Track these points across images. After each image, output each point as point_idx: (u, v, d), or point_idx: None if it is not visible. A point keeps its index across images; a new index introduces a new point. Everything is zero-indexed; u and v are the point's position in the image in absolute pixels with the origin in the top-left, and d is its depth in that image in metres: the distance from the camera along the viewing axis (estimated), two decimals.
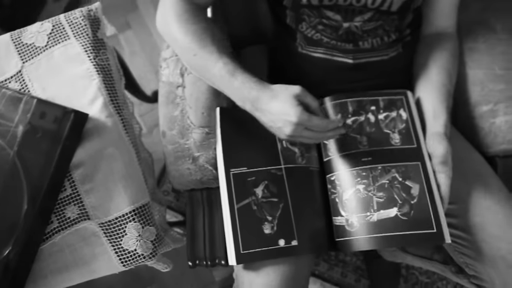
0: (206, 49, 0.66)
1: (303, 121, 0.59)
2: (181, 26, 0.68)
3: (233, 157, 0.71)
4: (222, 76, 0.65)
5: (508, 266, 0.66)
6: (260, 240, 0.67)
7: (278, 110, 0.60)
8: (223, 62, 0.65)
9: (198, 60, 0.67)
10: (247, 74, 0.64)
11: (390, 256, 1.06)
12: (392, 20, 0.71)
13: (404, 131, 0.71)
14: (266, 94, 0.62)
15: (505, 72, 0.76)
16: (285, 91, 0.61)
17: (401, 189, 0.66)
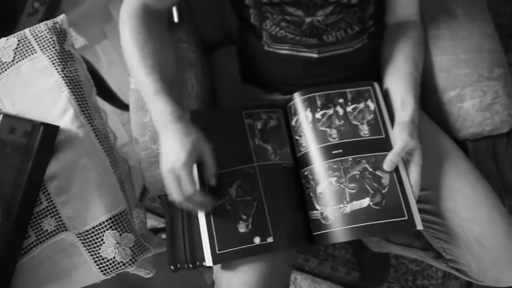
0: (141, 62, 0.66)
1: (181, 171, 0.61)
2: (130, 32, 0.69)
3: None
4: (147, 93, 0.66)
5: (482, 248, 0.67)
6: (235, 239, 0.67)
7: (176, 148, 0.62)
8: (152, 79, 0.65)
9: (134, 70, 0.68)
10: (172, 97, 0.64)
11: (376, 247, 1.07)
12: (354, 12, 0.72)
13: (372, 122, 0.71)
14: (179, 126, 0.63)
15: (468, 56, 0.76)
16: (194, 134, 0.63)
17: (372, 179, 0.67)
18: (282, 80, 0.82)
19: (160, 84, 0.65)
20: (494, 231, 0.66)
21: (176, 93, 0.66)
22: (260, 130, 0.75)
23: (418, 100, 0.73)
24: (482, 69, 0.76)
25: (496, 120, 0.75)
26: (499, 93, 0.75)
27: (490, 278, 0.68)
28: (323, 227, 0.68)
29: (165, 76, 0.66)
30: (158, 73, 0.66)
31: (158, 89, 0.65)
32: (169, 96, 0.64)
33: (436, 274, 1.24)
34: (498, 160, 0.78)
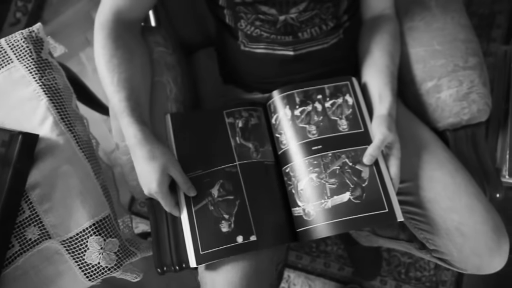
0: (108, 79, 0.68)
1: (158, 196, 0.67)
2: (98, 47, 0.70)
3: (188, 161, 0.72)
4: (115, 111, 0.69)
5: (462, 236, 0.67)
6: (218, 239, 0.67)
7: (145, 173, 0.66)
8: (117, 99, 0.67)
9: (103, 85, 0.70)
10: (135, 118, 0.66)
11: (366, 241, 1.07)
12: (327, 8, 0.72)
13: (351, 117, 0.72)
14: (143, 150, 0.66)
15: (443, 47, 0.77)
16: (160, 158, 0.66)
17: (352, 174, 0.67)
18: (260, 79, 0.82)
19: (124, 103, 0.67)
20: (473, 219, 0.67)
21: (141, 110, 0.68)
22: (241, 129, 0.75)
23: (395, 93, 0.73)
24: (457, 59, 0.76)
25: (474, 109, 0.76)
26: (475, 82, 0.76)
27: (471, 266, 0.68)
28: (306, 223, 0.68)
29: (130, 93, 0.68)
30: (123, 90, 0.67)
31: (122, 110, 0.67)
32: (132, 117, 0.66)
33: (428, 265, 1.24)
34: (478, 149, 0.78)
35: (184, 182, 0.68)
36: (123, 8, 0.71)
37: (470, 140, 0.79)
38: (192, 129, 0.75)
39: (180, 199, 0.70)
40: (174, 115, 0.76)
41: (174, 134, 0.74)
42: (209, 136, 0.74)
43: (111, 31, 0.70)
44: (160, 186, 0.65)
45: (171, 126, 0.75)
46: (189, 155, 0.73)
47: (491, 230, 0.66)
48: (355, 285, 1.23)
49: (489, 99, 0.77)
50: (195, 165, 0.72)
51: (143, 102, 0.71)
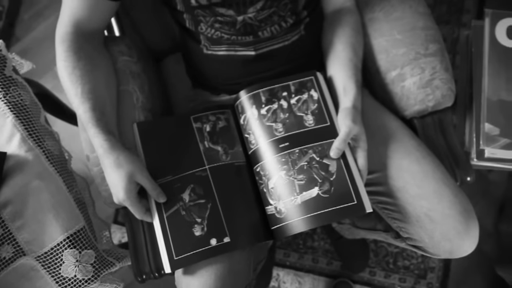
0: (72, 91, 0.69)
1: (126, 203, 0.67)
2: (59, 60, 0.70)
3: (157, 168, 0.72)
4: (81, 122, 0.69)
5: (432, 222, 0.67)
6: (191, 243, 0.68)
7: (113, 181, 0.67)
8: (82, 110, 0.68)
9: (68, 97, 0.70)
10: (100, 128, 0.67)
11: (349, 234, 1.08)
12: (284, 5, 0.72)
13: (316, 111, 0.72)
14: (110, 159, 0.66)
15: (403, 35, 0.77)
16: (126, 166, 0.66)
17: (320, 168, 0.68)
18: (225, 81, 0.82)
19: (89, 114, 0.67)
20: (441, 204, 0.67)
21: (107, 119, 0.68)
22: (209, 133, 0.76)
23: (360, 85, 0.73)
24: (418, 47, 0.77)
25: (438, 95, 0.76)
26: (437, 68, 0.76)
27: (443, 251, 0.69)
28: (279, 221, 0.69)
29: (95, 103, 0.68)
30: (87, 101, 0.68)
31: (88, 121, 0.67)
32: (98, 127, 0.67)
33: (416, 253, 1.25)
34: (446, 134, 0.79)
35: (153, 189, 0.68)
36: (81, 19, 0.71)
37: (438, 126, 0.79)
38: (160, 136, 0.75)
39: (151, 205, 0.70)
40: (141, 124, 0.76)
41: (142, 142, 0.74)
42: (178, 142, 0.74)
43: (71, 43, 0.70)
44: (127, 193, 0.65)
45: (138, 135, 0.75)
46: (158, 161, 0.73)
47: (459, 214, 0.67)
48: (345, 278, 1.23)
49: (452, 84, 0.77)
50: (164, 171, 0.72)
51: (108, 111, 0.71)
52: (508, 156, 0.76)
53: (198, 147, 0.74)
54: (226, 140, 0.75)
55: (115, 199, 0.68)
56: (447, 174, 0.71)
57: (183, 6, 0.72)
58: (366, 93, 0.84)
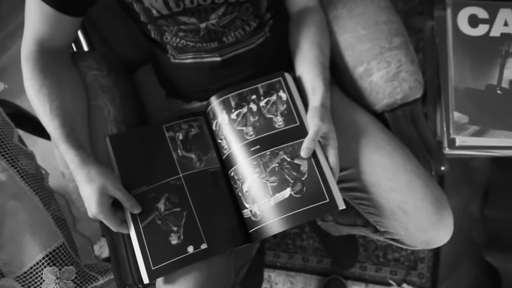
0: (40, 109, 0.69)
1: (100, 217, 0.67)
2: (26, 79, 0.70)
3: (131, 179, 0.72)
4: (52, 138, 0.69)
5: (405, 214, 0.68)
6: (168, 252, 0.68)
7: (86, 195, 0.67)
8: (52, 127, 0.68)
9: (37, 116, 0.70)
10: (71, 144, 0.67)
11: (335, 231, 1.08)
12: (246, 9, 0.73)
13: (286, 112, 0.72)
14: (81, 173, 0.66)
15: (367, 31, 0.78)
16: (97, 179, 0.66)
17: (291, 169, 0.68)
18: (195, 88, 0.82)
19: (59, 131, 0.67)
20: (413, 196, 0.67)
21: (77, 135, 0.68)
22: (182, 141, 0.76)
23: (328, 83, 0.74)
24: (382, 41, 0.77)
25: (405, 87, 0.77)
26: (403, 60, 0.77)
27: (419, 242, 0.69)
28: (255, 224, 0.69)
29: (64, 119, 0.68)
30: (56, 118, 0.68)
31: (58, 137, 0.67)
32: (68, 143, 0.67)
33: None
34: (418, 125, 0.80)
35: (127, 200, 0.68)
36: (44, 37, 0.71)
37: (409, 118, 0.80)
38: (133, 147, 0.75)
39: (127, 217, 0.70)
40: (113, 137, 0.76)
41: (115, 155, 0.74)
42: (151, 152, 0.75)
43: (36, 61, 0.70)
44: (99, 207, 0.65)
45: (111, 147, 0.75)
46: (132, 173, 0.73)
47: (432, 205, 0.67)
48: (336, 275, 1.23)
49: (419, 76, 0.78)
50: (138, 182, 0.72)
51: (78, 127, 0.71)
52: (478, 143, 0.77)
53: (171, 156, 0.74)
54: (199, 147, 0.75)
55: (89, 213, 0.68)
56: (419, 165, 0.72)
57: (146, 17, 0.72)
58: (336, 90, 0.84)
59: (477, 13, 0.81)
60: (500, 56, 0.79)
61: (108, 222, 0.68)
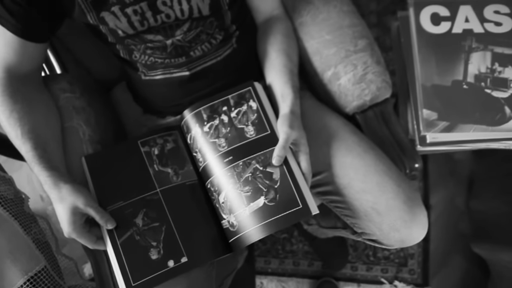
0: (12, 134, 0.69)
1: (73, 236, 0.67)
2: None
3: (106, 195, 0.72)
4: (26, 160, 0.70)
5: (379, 215, 0.69)
6: (148, 267, 0.68)
7: (58, 215, 0.68)
8: (24, 150, 0.68)
9: (10, 140, 0.71)
10: (43, 165, 0.68)
11: (321, 234, 1.09)
12: (210, 23, 0.74)
13: (256, 121, 0.72)
14: (54, 194, 0.67)
15: (332, 35, 0.79)
16: (68, 198, 0.66)
17: (264, 177, 0.68)
18: (167, 104, 0.83)
19: (31, 153, 0.68)
20: (385, 196, 0.68)
21: (49, 156, 0.69)
22: (158, 156, 0.76)
23: (297, 89, 0.74)
24: (347, 45, 0.78)
25: (373, 88, 0.78)
26: (368, 62, 0.78)
27: (394, 241, 0.70)
28: (233, 234, 0.70)
29: (36, 142, 0.69)
30: (28, 141, 0.68)
31: (31, 160, 0.68)
32: (40, 164, 0.67)
33: None
34: (389, 125, 0.81)
35: (100, 217, 0.68)
36: (12, 64, 0.71)
37: (380, 118, 0.81)
38: (109, 165, 0.76)
39: (103, 233, 0.70)
40: (89, 157, 0.76)
41: (91, 174, 0.75)
42: (127, 168, 0.75)
43: (5, 87, 0.71)
44: (71, 226, 0.66)
45: (87, 168, 0.75)
46: (108, 189, 0.73)
47: (403, 203, 0.68)
48: (328, 277, 1.24)
49: (386, 76, 0.79)
50: (114, 198, 0.72)
51: (51, 148, 0.72)
52: (449, 139, 0.77)
53: (148, 171, 0.75)
54: (175, 161, 0.76)
55: (64, 233, 0.68)
56: (390, 165, 0.73)
57: (113, 37, 0.73)
58: (308, 95, 0.85)
59: (438, 11, 0.83)
60: (464, 52, 0.81)
61: (82, 240, 0.68)
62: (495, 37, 0.80)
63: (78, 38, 0.92)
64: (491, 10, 0.81)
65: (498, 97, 0.78)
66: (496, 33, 0.80)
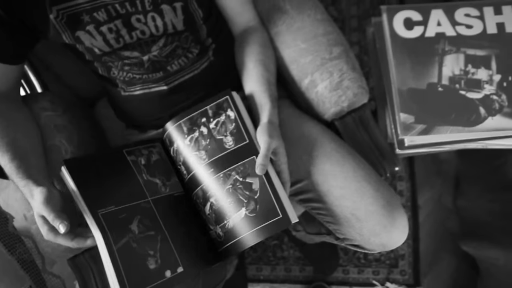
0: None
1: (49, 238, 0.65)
2: None
3: (96, 199, 0.68)
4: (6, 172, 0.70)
5: (358, 220, 0.69)
6: (146, 276, 0.65)
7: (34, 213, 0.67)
8: (3, 163, 0.69)
9: None
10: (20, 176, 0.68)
11: (309, 240, 1.09)
12: (185, 38, 0.74)
13: (235, 131, 0.72)
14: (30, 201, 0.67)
15: (307, 44, 0.80)
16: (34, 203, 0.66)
17: (244, 188, 0.68)
18: (147, 118, 0.84)
19: (9, 165, 0.68)
20: (364, 202, 0.69)
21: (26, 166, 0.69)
22: (145, 165, 0.75)
23: (274, 99, 0.75)
24: (322, 52, 0.79)
25: (349, 94, 0.79)
26: (344, 69, 0.79)
27: (375, 245, 0.70)
28: (221, 244, 0.70)
29: (14, 154, 0.69)
30: (6, 154, 0.69)
31: (10, 172, 0.68)
32: (18, 175, 0.68)
33: None
34: (368, 129, 0.81)
35: (53, 217, 0.64)
36: None
37: (359, 123, 0.82)
38: (93, 170, 0.72)
39: (98, 239, 0.66)
40: (69, 161, 0.71)
41: (74, 179, 0.69)
42: (114, 175, 0.73)
43: None
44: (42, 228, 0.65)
45: (67, 173, 0.70)
46: (97, 194, 0.69)
47: (382, 208, 0.69)
48: (320, 282, 1.24)
49: (362, 82, 0.80)
50: (105, 202, 0.69)
51: (30, 160, 0.71)
52: (426, 141, 0.78)
53: (137, 179, 0.73)
54: (162, 172, 0.76)
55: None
56: (369, 170, 0.73)
57: (90, 55, 0.74)
58: (287, 103, 0.86)
59: (411, 16, 0.84)
60: (438, 55, 0.82)
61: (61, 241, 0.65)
62: (467, 39, 0.82)
63: (58, 56, 0.92)
64: (462, 13, 0.82)
65: (473, 98, 0.79)
66: (468, 36, 0.82)
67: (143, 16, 0.68)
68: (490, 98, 0.79)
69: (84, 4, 0.66)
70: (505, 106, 0.78)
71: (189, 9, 0.71)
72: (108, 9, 0.67)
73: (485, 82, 0.80)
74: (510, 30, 0.81)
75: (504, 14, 0.81)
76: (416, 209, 1.28)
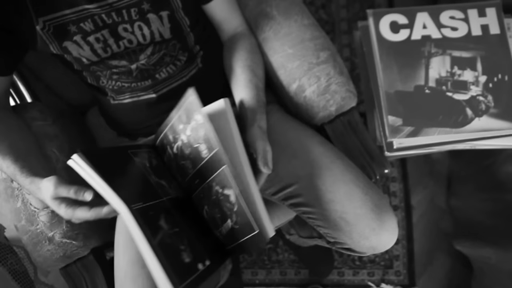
0: None
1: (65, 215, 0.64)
2: None
3: (125, 193, 0.63)
4: (9, 175, 0.70)
5: (347, 224, 0.69)
6: (186, 270, 0.62)
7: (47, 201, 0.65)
8: (6, 165, 0.69)
9: None
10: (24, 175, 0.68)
11: (302, 243, 1.09)
12: (173, 45, 0.75)
13: (206, 137, 0.64)
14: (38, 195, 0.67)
15: (294, 49, 0.80)
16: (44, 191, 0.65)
17: (225, 200, 0.65)
18: (137, 126, 0.84)
19: (12, 167, 0.68)
20: (352, 205, 0.69)
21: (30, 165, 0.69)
22: (150, 167, 0.73)
23: (262, 104, 0.75)
24: (309, 57, 0.80)
25: (337, 98, 0.79)
26: (331, 73, 0.79)
27: (365, 248, 0.71)
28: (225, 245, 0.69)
29: (16, 155, 0.69)
30: (7, 156, 0.69)
31: (13, 173, 0.68)
32: (22, 175, 0.68)
33: None
34: (357, 133, 0.82)
35: (74, 192, 0.63)
36: None
37: (348, 127, 0.82)
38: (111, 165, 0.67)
39: (137, 234, 0.61)
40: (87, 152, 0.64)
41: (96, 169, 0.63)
42: (128, 172, 0.69)
43: None
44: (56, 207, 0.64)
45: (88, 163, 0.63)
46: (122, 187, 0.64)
47: (371, 211, 0.69)
48: (315, 284, 1.24)
49: (350, 86, 0.80)
50: (133, 197, 0.64)
51: (31, 160, 0.71)
52: (415, 143, 0.79)
53: (148, 180, 0.70)
54: (164, 176, 0.73)
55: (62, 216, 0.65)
56: (358, 174, 0.74)
57: (79, 65, 0.74)
58: (276, 109, 0.86)
59: (397, 19, 0.85)
60: (424, 57, 0.83)
61: (79, 214, 0.63)
62: (452, 41, 0.82)
63: (48, 66, 0.93)
64: (446, 15, 0.83)
65: (459, 99, 0.80)
66: (453, 38, 0.83)
67: (129, 26, 0.69)
68: (477, 99, 0.80)
69: (70, 15, 0.66)
70: (491, 107, 0.79)
71: (175, 17, 0.71)
72: (94, 19, 0.67)
73: (471, 84, 0.81)
74: (494, 32, 0.82)
75: (488, 16, 0.82)
76: (409, 210, 1.29)
